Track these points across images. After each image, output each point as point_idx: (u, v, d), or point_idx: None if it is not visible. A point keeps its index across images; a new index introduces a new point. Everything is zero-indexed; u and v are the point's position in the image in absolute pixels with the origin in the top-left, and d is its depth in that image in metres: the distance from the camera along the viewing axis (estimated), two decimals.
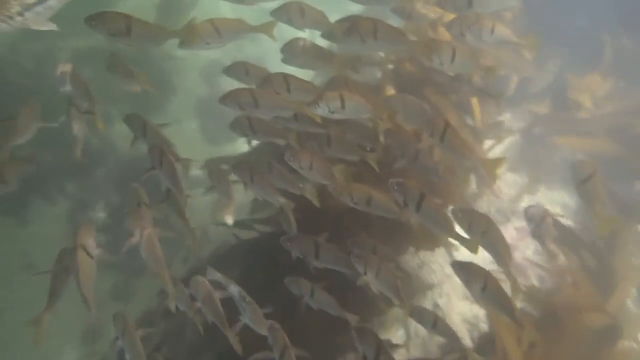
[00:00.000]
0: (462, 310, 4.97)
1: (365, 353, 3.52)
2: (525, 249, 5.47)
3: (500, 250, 3.60)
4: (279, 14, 4.35)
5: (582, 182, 3.98)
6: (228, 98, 3.83)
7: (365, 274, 3.71)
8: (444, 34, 4.70)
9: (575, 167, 4.05)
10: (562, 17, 7.25)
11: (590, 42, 7.14)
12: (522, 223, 5.24)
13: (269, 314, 3.64)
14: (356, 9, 4.62)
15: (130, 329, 3.55)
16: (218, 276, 3.67)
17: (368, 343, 3.53)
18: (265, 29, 4.31)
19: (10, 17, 3.33)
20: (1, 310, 6.42)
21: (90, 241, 3.35)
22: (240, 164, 4.00)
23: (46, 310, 3.47)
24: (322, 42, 4.87)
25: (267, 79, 3.98)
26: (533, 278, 5.19)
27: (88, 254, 3.31)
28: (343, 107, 3.65)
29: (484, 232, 3.58)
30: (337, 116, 3.74)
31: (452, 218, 3.69)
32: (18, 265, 6.64)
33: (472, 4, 4.06)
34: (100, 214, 6.96)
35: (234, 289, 3.60)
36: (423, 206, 3.60)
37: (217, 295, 3.59)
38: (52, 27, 3.51)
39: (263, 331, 3.54)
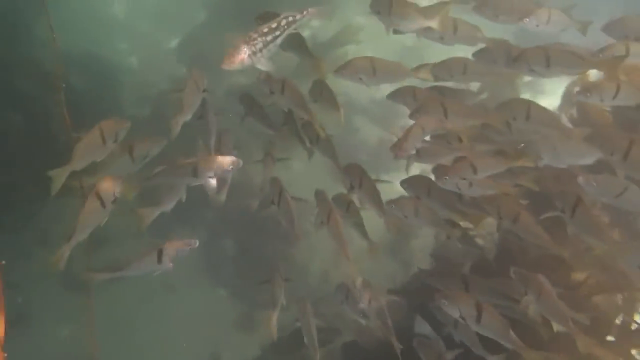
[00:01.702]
0: None
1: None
2: None
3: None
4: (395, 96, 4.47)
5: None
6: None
7: (526, 294, 3.70)
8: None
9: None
10: None
11: None
12: None
13: None
14: None
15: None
16: (428, 329, 3.98)
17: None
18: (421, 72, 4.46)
19: (255, 54, 3.44)
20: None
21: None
22: (414, 178, 4.35)
23: (273, 311, 4.54)
24: None
25: (421, 106, 4.14)
26: None
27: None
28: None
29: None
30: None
31: None
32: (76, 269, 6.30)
33: None
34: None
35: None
36: (576, 212, 3.76)
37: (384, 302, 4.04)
38: (271, 67, 3.63)
39: None
